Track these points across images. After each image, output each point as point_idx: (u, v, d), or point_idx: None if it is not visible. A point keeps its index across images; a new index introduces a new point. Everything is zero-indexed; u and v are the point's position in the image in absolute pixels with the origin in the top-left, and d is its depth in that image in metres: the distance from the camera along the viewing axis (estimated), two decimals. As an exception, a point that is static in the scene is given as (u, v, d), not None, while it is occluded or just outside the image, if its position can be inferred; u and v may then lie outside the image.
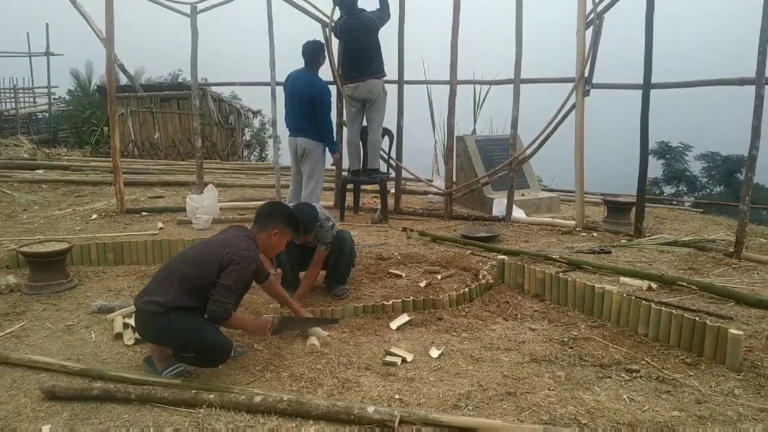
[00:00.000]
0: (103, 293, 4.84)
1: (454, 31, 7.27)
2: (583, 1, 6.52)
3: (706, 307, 4.40)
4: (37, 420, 2.95)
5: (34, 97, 18.80)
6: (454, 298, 4.50)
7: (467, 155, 8.32)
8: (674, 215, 8.24)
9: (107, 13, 7.20)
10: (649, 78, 6.14)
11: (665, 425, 2.87)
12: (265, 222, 3.58)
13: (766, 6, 5.23)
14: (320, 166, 6.65)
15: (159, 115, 15.03)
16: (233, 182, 10.46)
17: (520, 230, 7.02)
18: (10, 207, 8.42)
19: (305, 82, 6.46)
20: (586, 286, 4.33)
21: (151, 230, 6.91)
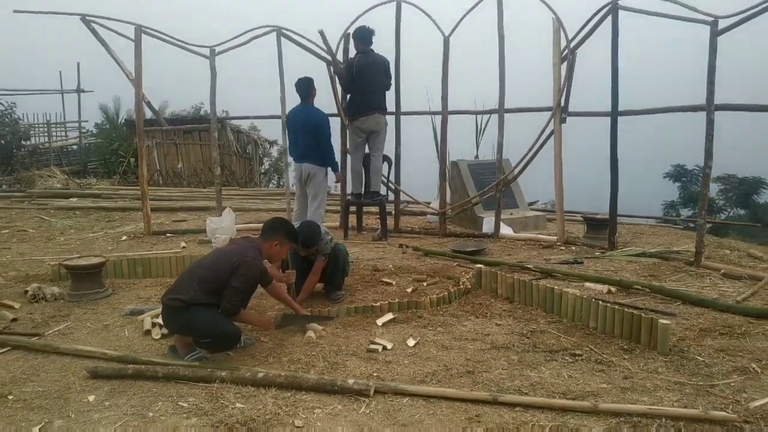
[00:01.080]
0: (133, 300, 5.60)
1: (444, 66, 8.08)
2: (558, 38, 7.28)
3: (655, 306, 5.05)
4: (84, 392, 3.69)
5: (65, 131, 19.94)
6: (434, 300, 5.19)
7: (461, 178, 9.06)
8: (652, 231, 8.88)
9: (136, 57, 8.11)
10: (616, 106, 6.86)
11: (590, 393, 3.53)
12: (268, 234, 4.36)
13: (712, 39, 5.93)
14: (323, 188, 7.47)
15: (182, 146, 16.04)
16: (249, 207, 11.28)
17: (506, 245, 7.71)
18: (49, 231, 9.31)
19: (305, 114, 7.33)
20: (548, 288, 5.01)
21: (175, 249, 7.71)
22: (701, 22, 5.96)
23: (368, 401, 3.46)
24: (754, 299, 5.21)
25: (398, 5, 8.22)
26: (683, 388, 3.57)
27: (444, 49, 8.03)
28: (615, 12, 6.66)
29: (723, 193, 22.32)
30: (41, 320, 5.07)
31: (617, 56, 6.76)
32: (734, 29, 5.86)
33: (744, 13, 5.71)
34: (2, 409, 3.48)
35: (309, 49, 8.39)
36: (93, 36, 8.01)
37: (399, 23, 8.32)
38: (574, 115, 7.40)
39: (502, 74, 7.77)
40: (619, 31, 6.70)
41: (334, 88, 8.47)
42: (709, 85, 5.98)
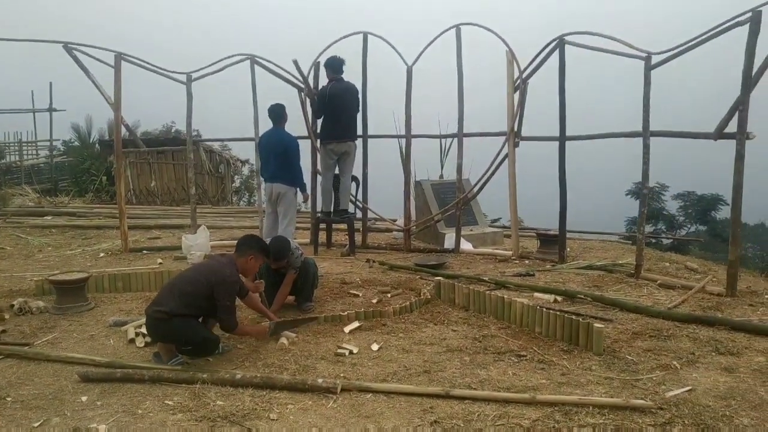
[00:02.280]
0: (116, 312, 5.96)
1: (407, 94, 8.68)
2: (512, 68, 7.90)
3: (596, 313, 5.60)
4: (77, 394, 4.07)
5: (36, 149, 20.07)
6: (397, 310, 5.67)
7: (424, 197, 9.62)
8: (601, 245, 9.53)
9: (116, 83, 8.51)
10: (564, 132, 7.48)
11: (531, 388, 4.04)
12: (243, 250, 4.81)
13: (646, 72, 6.57)
14: (293, 206, 7.97)
15: (155, 165, 16.37)
16: (223, 224, 11.66)
17: (466, 259, 8.26)
18: (27, 248, 9.59)
19: (277, 137, 7.85)
20: (499, 298, 5.53)
21: (152, 265, 8.08)
22: (636, 57, 6.61)
23: (335, 397, 3.90)
24: (683, 306, 5.80)
25: (365, 37, 8.78)
26: (612, 383, 4.09)
27: (407, 77, 8.63)
28: (562, 46, 7.30)
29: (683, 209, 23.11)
30: (30, 331, 5.40)
31: (564, 86, 7.39)
32: (666, 64, 6.50)
33: (674, 50, 6.35)
34: (3, 410, 3.84)
35: (281, 76, 8.88)
36: (74, 62, 8.37)
37: (366, 53, 8.87)
38: (527, 139, 8.02)
39: (461, 102, 8.39)
40: (566, 63, 7.34)
41: (304, 112, 8.98)
42: (644, 113, 6.61)
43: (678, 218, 22.80)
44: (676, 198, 22.81)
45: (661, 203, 22.41)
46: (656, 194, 23.25)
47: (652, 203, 24.34)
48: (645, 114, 6.61)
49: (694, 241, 15.21)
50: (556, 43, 7.34)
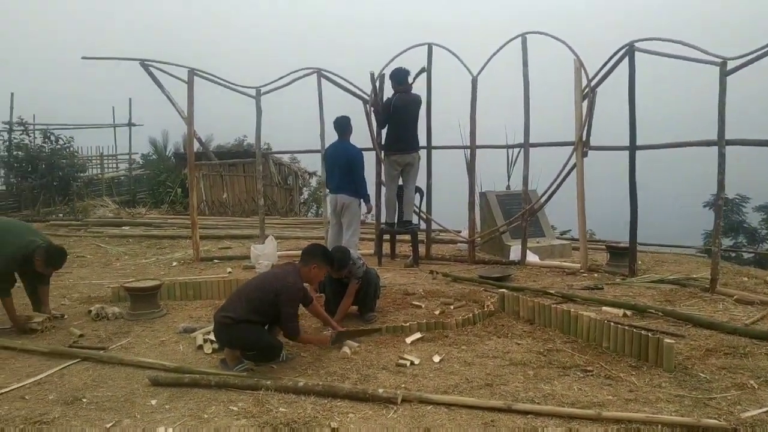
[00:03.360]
0: (186, 319, 6.15)
1: (472, 104, 8.62)
2: (579, 77, 7.75)
3: (667, 328, 5.40)
4: (147, 397, 4.22)
5: (116, 162, 21.03)
6: (460, 322, 5.63)
7: (489, 209, 9.52)
8: (674, 259, 9.17)
9: (189, 98, 8.84)
10: (634, 141, 7.27)
11: (597, 404, 3.93)
12: (307, 259, 4.90)
13: (722, 79, 6.33)
14: (357, 217, 8.05)
15: (227, 177, 16.88)
16: (290, 235, 11.87)
17: (532, 272, 8.11)
18: (105, 257, 10.03)
19: (342, 150, 7.97)
20: (565, 311, 5.41)
21: (222, 274, 8.31)
22: (711, 63, 6.36)
23: (396, 408, 3.90)
24: (762, 323, 5.52)
25: (429, 48, 8.80)
26: (683, 401, 3.93)
27: (472, 88, 8.59)
28: (632, 53, 7.12)
29: (766, 222, 22.03)
30: (105, 336, 5.65)
31: (634, 94, 7.19)
32: (742, 69, 6.24)
33: (751, 55, 6.09)
34: (79, 410, 4.03)
35: (346, 89, 9.01)
36: (150, 78, 8.75)
37: (430, 63, 8.88)
38: (596, 149, 7.83)
39: (527, 112, 8.28)
40: (635, 70, 7.15)
41: (369, 124, 9.06)
42: (719, 121, 6.34)
43: (760, 231, 21.77)
44: (758, 210, 21.85)
45: (742, 215, 21.49)
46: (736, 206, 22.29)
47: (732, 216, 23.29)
48: (720, 122, 6.35)
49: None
50: (626, 50, 7.16)
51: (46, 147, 15.50)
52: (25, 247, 5.65)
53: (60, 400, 4.21)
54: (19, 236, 5.77)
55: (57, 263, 5.85)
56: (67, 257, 6.07)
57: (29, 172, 15.07)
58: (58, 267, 5.93)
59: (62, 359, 5.03)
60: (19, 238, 5.73)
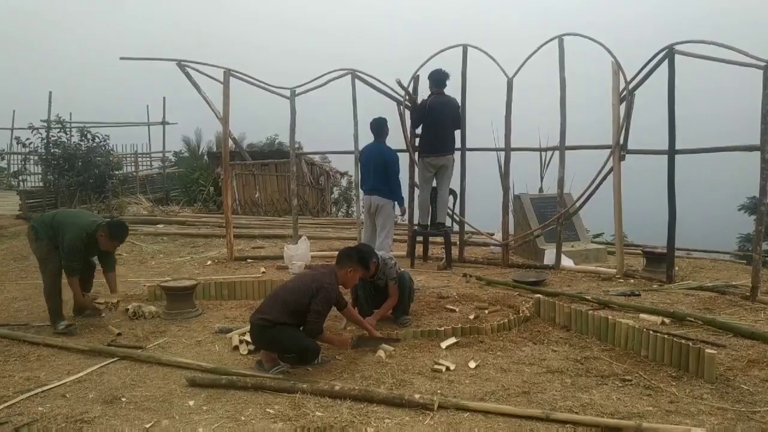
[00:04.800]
0: (221, 319, 6.22)
1: (507, 106, 8.56)
2: (617, 79, 7.64)
3: (707, 337, 5.30)
4: (185, 398, 4.27)
5: (150, 160, 21.32)
6: (495, 327, 5.58)
7: (523, 212, 9.44)
8: (712, 265, 8.99)
9: (224, 98, 8.93)
10: (673, 145, 7.15)
11: (636, 414, 3.87)
12: (343, 262, 4.91)
13: (765, 82, 6.18)
14: (391, 219, 8.05)
15: (260, 177, 16.99)
16: (322, 235, 11.91)
17: (566, 277, 8.02)
18: (141, 255, 10.18)
19: (377, 151, 7.97)
20: (602, 318, 5.34)
21: (256, 274, 8.38)
22: (754, 66, 6.22)
23: (432, 414, 3.89)
24: (806, 333, 5.38)
25: (464, 49, 8.74)
26: (725, 413, 3.85)
27: (507, 90, 8.53)
28: (671, 56, 6.99)
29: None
30: (142, 335, 5.74)
31: (674, 98, 7.07)
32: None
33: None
34: (118, 410, 4.10)
35: (380, 90, 9.01)
36: (186, 78, 8.85)
37: (465, 65, 8.82)
38: (633, 153, 7.71)
39: (563, 115, 8.18)
40: (675, 74, 7.02)
41: (403, 125, 9.05)
42: (762, 125, 6.19)
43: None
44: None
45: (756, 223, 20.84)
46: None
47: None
48: (763, 126, 6.20)
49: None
50: (665, 53, 7.03)
51: (82, 145, 15.73)
52: (89, 225, 5.89)
53: (99, 398, 4.28)
54: (82, 218, 6.04)
55: (120, 236, 6.05)
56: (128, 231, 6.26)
57: (66, 169, 15.31)
58: (122, 240, 6.14)
59: (101, 358, 5.12)
60: (83, 219, 5.99)
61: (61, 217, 6.03)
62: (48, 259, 5.94)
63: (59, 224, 5.88)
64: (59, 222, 5.90)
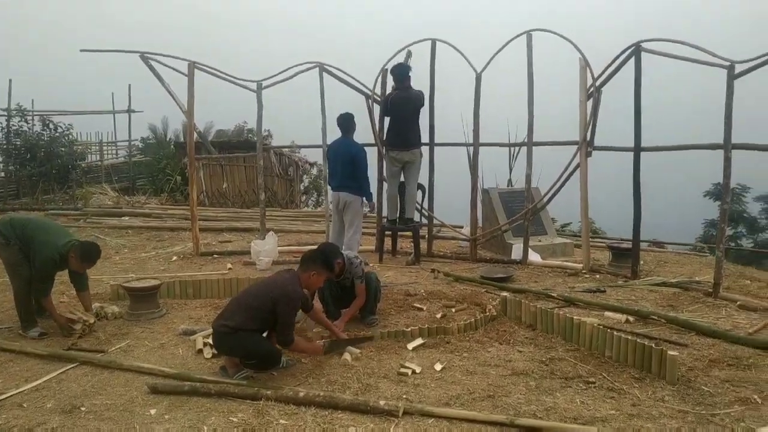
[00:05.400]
0: (185, 320, 6.12)
1: (476, 101, 8.55)
2: (584, 75, 7.66)
3: (670, 336, 5.36)
4: (146, 406, 4.18)
5: (116, 149, 20.94)
6: (462, 327, 5.58)
7: (491, 206, 9.46)
8: (676, 259, 9.13)
9: (189, 90, 8.75)
10: (639, 142, 7.21)
11: (599, 419, 3.90)
12: (306, 265, 4.85)
13: (729, 82, 6.24)
14: (359, 215, 8.00)
15: (227, 167, 16.78)
16: (290, 228, 11.80)
17: (534, 272, 8.07)
18: (104, 250, 9.82)
19: (345, 146, 7.90)
20: (567, 317, 5.36)
21: (222, 270, 8.27)
22: (719, 66, 6.27)
23: (397, 421, 3.87)
24: (765, 331, 5.48)
25: (433, 44, 8.69)
26: (686, 416, 3.90)
27: (476, 85, 8.51)
28: (638, 53, 7.02)
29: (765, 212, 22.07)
30: (104, 338, 5.62)
31: (640, 95, 7.11)
32: (751, 73, 6.15)
33: (760, 59, 6.00)
34: (77, 420, 4.00)
35: (349, 83, 8.92)
36: (150, 71, 8.65)
37: (434, 60, 8.79)
38: (600, 149, 7.75)
39: (530, 111, 8.19)
40: (642, 71, 7.06)
41: (372, 119, 8.98)
42: (726, 125, 6.26)
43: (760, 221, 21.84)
44: (759, 200, 21.91)
45: (742, 205, 21.54)
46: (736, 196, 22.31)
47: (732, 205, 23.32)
48: (726, 126, 6.27)
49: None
50: (632, 50, 7.06)
51: (45, 134, 15.39)
52: (61, 247, 5.65)
53: (58, 408, 4.17)
54: (55, 236, 5.78)
55: (92, 258, 5.81)
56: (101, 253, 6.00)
57: (28, 159, 14.98)
58: (93, 263, 5.88)
59: (61, 363, 5.00)
60: (55, 238, 5.73)
61: (32, 230, 5.75)
62: (19, 266, 5.73)
63: (30, 239, 5.65)
64: (30, 236, 5.67)
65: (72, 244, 5.71)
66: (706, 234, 19.92)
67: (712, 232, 21.56)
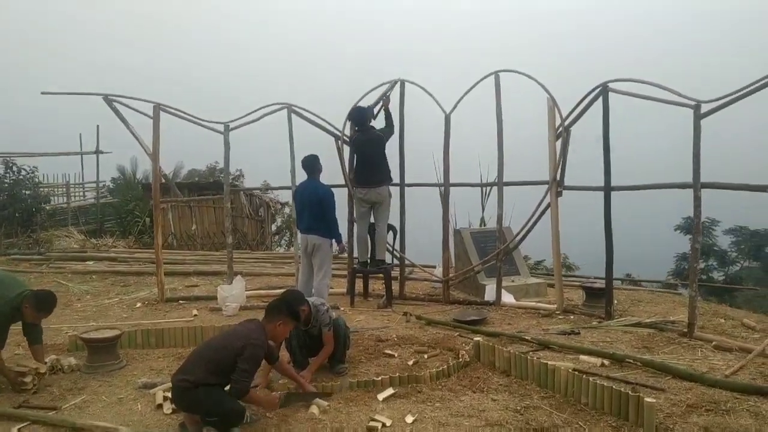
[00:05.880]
0: (146, 372, 5.84)
1: (445, 142, 8.52)
2: (553, 116, 7.67)
3: (646, 380, 5.23)
4: (100, 469, 3.94)
5: (83, 191, 20.56)
6: (434, 374, 5.39)
7: (463, 246, 9.36)
8: (651, 298, 9.07)
9: (154, 133, 8.58)
10: (609, 181, 7.19)
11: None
12: (272, 315, 4.65)
13: (696, 122, 6.26)
14: (328, 258, 7.80)
15: (196, 209, 16.50)
16: (260, 271, 11.55)
17: (507, 313, 7.93)
18: (66, 296, 9.62)
19: (311, 189, 7.76)
20: (542, 363, 5.22)
21: (187, 317, 7.99)
22: (685, 106, 6.30)
23: (366, 480, 3.68)
24: (742, 373, 5.38)
25: (401, 84, 8.68)
26: (666, 469, 3.76)
27: (445, 125, 8.48)
28: (605, 93, 7.06)
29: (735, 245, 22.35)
30: (59, 393, 5.31)
31: (608, 134, 7.13)
32: (717, 112, 6.18)
33: (725, 98, 6.03)
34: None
35: (317, 124, 8.84)
36: (114, 114, 8.48)
37: (402, 100, 8.76)
38: (570, 189, 7.72)
39: (500, 151, 8.20)
40: (609, 111, 7.08)
41: (341, 159, 8.88)
42: (694, 164, 6.27)
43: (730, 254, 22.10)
44: (728, 233, 22.21)
45: (712, 238, 21.78)
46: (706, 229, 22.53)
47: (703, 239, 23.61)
48: (695, 165, 6.28)
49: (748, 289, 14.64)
50: (599, 90, 7.09)
51: (7, 177, 15.03)
52: (13, 300, 5.38)
53: (4, 474, 3.89)
54: (6, 288, 5.48)
55: (47, 308, 5.54)
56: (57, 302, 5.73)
57: (-11, 204, 14.61)
58: (49, 312, 5.61)
59: (10, 423, 4.68)
60: (7, 290, 5.45)
61: None
62: None
63: None
64: None
65: (24, 295, 5.45)
66: (679, 267, 20.08)
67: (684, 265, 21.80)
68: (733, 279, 19.02)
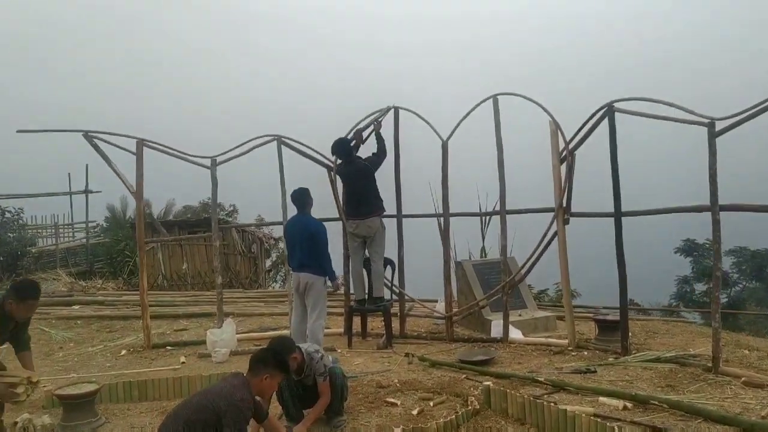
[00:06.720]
0: (127, 430, 5.33)
1: (443, 169, 8.09)
2: (556, 140, 7.28)
3: (675, 424, 4.74)
4: None
5: (72, 231, 20.08)
6: (441, 426, 4.88)
7: (466, 279, 8.88)
8: (666, 328, 8.58)
9: (138, 170, 8.18)
10: (619, 207, 6.77)
11: None
12: (257, 368, 4.17)
13: (710, 140, 5.86)
14: (322, 298, 7.28)
15: (187, 247, 15.98)
16: (253, 311, 11.01)
17: (516, 351, 7.41)
18: (48, 345, 9.10)
19: (302, 224, 7.30)
20: (560, 409, 4.72)
21: (174, 365, 7.46)
22: (698, 124, 5.90)
23: None
24: (779, 413, 4.90)
25: (396, 111, 8.31)
26: None
27: (443, 152, 8.07)
28: (611, 114, 6.67)
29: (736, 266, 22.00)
30: (28, 459, 4.81)
31: (616, 157, 6.72)
32: (733, 130, 5.79)
33: (741, 115, 5.65)
34: None
35: (309, 156, 8.45)
36: (95, 151, 8.07)
37: (397, 128, 8.38)
38: (578, 216, 7.30)
39: (501, 178, 7.77)
40: (617, 132, 6.70)
41: (334, 191, 8.47)
42: (711, 185, 5.84)
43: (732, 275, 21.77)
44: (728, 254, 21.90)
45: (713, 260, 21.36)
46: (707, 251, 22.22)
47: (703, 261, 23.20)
48: (712, 186, 5.85)
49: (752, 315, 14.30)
50: (605, 110, 6.71)
51: (-9, 220, 14.60)
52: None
53: None
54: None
55: (30, 293, 5.18)
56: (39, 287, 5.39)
57: (-28, 247, 14.12)
58: (34, 297, 5.23)
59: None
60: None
61: None
62: None
63: None
64: None
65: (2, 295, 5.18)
66: (680, 291, 19.74)
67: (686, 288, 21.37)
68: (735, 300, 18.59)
